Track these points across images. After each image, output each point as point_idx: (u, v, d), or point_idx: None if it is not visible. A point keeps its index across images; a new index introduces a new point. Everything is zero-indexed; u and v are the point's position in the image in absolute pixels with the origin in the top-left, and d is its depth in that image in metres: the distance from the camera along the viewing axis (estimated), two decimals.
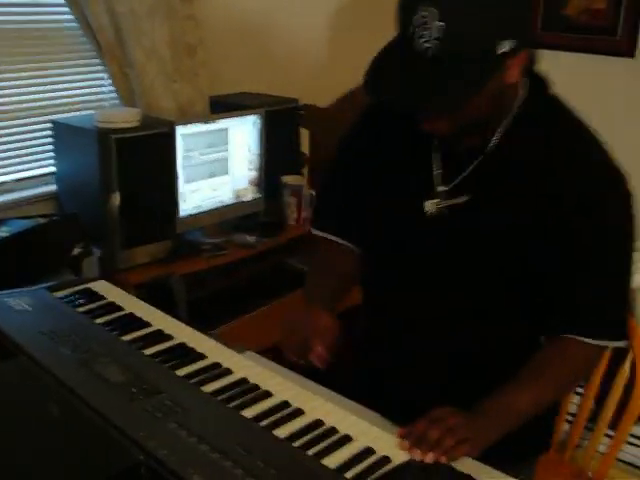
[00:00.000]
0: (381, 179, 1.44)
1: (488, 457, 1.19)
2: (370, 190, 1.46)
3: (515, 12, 1.18)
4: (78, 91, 2.52)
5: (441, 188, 1.35)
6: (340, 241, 1.57)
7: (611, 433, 1.92)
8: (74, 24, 2.40)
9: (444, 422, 1.16)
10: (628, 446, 2.58)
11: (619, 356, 1.88)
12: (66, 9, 2.36)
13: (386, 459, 1.13)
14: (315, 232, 1.62)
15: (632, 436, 2.54)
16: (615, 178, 1.30)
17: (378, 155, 1.46)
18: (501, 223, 1.31)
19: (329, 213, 1.60)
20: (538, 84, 1.35)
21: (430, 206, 1.36)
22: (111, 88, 2.54)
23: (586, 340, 1.32)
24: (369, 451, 1.14)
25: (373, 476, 1.09)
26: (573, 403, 2.09)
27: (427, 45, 1.14)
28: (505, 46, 1.16)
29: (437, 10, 1.12)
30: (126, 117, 2.23)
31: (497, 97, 1.25)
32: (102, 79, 2.56)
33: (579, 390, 2.11)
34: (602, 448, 1.96)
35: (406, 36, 1.17)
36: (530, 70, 1.33)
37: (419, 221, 1.37)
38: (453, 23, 1.12)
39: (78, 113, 2.49)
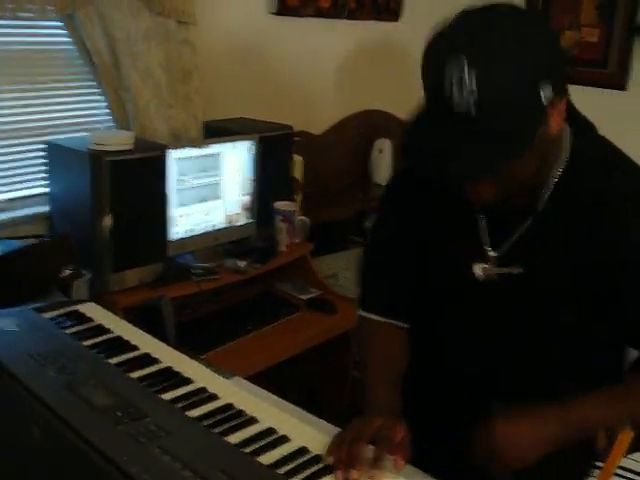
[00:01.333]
0: (427, 249, 1.37)
1: None
2: (417, 263, 1.39)
3: (550, 55, 1.11)
4: (73, 112, 2.53)
5: (491, 253, 1.29)
6: (389, 320, 1.47)
7: (600, 465, 1.92)
8: (71, 46, 2.41)
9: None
10: (616, 478, 2.57)
11: None
12: (63, 31, 2.37)
13: None
14: (364, 314, 1.50)
15: (620, 468, 2.52)
16: None
17: (419, 225, 1.38)
18: (557, 289, 1.25)
19: (376, 294, 1.50)
20: (581, 131, 1.28)
21: (480, 270, 1.29)
22: (106, 110, 2.55)
23: None
24: None
25: None
26: None
27: (465, 102, 1.05)
28: (546, 93, 1.08)
29: (470, 62, 1.04)
30: (120, 140, 2.23)
31: (544, 152, 1.17)
32: (97, 101, 2.57)
33: None
34: None
35: (440, 94, 1.07)
36: (570, 116, 1.24)
37: (471, 287, 1.31)
38: (488, 74, 1.05)
39: (72, 135, 2.49)
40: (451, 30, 1.10)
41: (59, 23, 2.35)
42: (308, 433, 1.24)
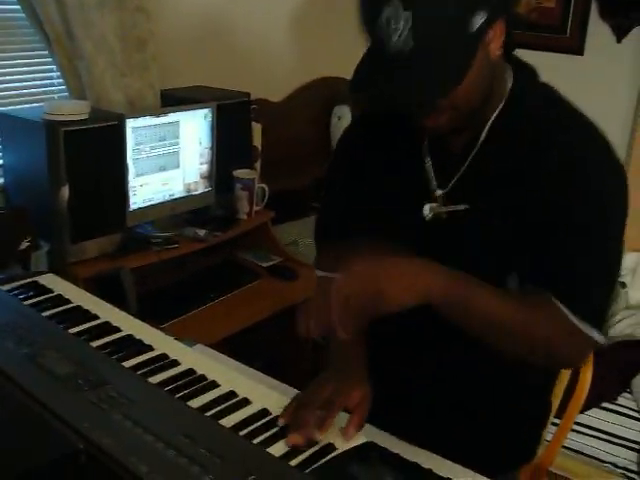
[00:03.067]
0: (377, 190, 1.39)
1: (472, 467, 1.17)
2: (369, 202, 1.41)
3: None
4: (26, 83, 2.49)
5: (438, 192, 1.31)
6: None
7: (557, 421, 1.96)
8: (21, 15, 2.36)
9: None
10: (573, 433, 2.64)
11: None
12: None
13: (331, 447, 1.14)
14: (322, 274, 1.54)
15: (577, 424, 2.59)
16: (613, 176, 1.27)
17: (371, 166, 1.41)
18: (503, 226, 1.26)
19: (332, 251, 1.47)
20: (524, 73, 1.31)
21: (428, 210, 1.31)
22: (60, 80, 2.51)
23: (565, 310, 1.22)
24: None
25: (318, 463, 1.10)
26: None
27: (402, 42, 1.11)
28: (479, 20, 1.13)
29: (400, 3, 1.09)
30: (75, 109, 2.20)
31: (487, 76, 1.21)
32: (51, 71, 2.53)
33: None
34: (549, 436, 2.00)
35: (378, 37, 1.13)
36: (514, 59, 1.30)
37: (420, 226, 1.33)
38: (419, 12, 1.09)
39: (26, 105, 2.45)
40: None
41: None
42: (268, 396, 1.26)
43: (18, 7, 2.34)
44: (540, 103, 1.29)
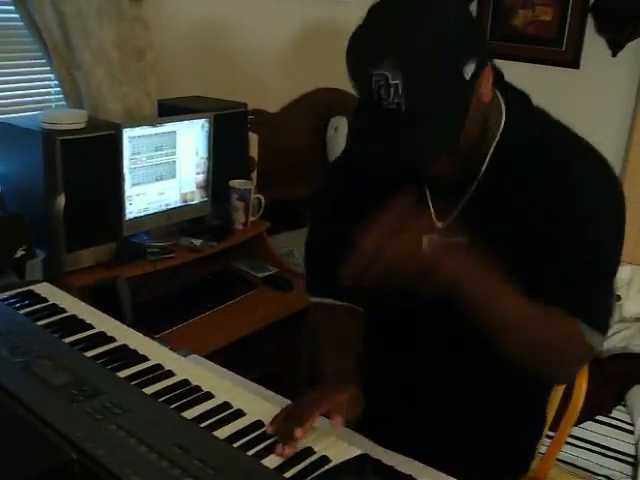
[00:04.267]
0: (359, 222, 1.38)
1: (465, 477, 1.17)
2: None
3: (465, 30, 1.15)
4: (23, 91, 2.49)
5: (438, 224, 1.31)
6: (338, 303, 1.51)
7: (552, 434, 1.96)
8: (20, 23, 2.37)
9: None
10: (567, 446, 2.64)
11: None
12: (11, 7, 2.33)
13: (325, 459, 1.14)
14: (312, 299, 1.55)
15: (571, 437, 2.59)
16: (615, 189, 1.28)
17: (364, 203, 1.35)
18: (503, 257, 1.21)
19: (321, 277, 1.53)
20: (516, 102, 1.32)
21: (427, 242, 1.27)
22: (57, 89, 2.52)
23: (571, 318, 1.24)
24: (308, 451, 1.15)
25: (312, 476, 1.10)
26: None
27: (395, 103, 1.11)
28: (471, 67, 1.14)
29: (390, 64, 1.09)
30: (72, 118, 2.20)
31: (480, 121, 1.22)
32: (48, 80, 2.53)
33: None
34: (543, 449, 2.00)
35: (372, 100, 1.13)
36: (504, 87, 1.30)
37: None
38: (411, 70, 1.10)
39: (23, 114, 2.46)
40: (369, 30, 1.14)
41: (7, 0, 2.31)
42: (263, 407, 1.26)
43: (17, 15, 2.35)
44: (535, 131, 1.29)
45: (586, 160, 1.28)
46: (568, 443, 2.62)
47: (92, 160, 2.22)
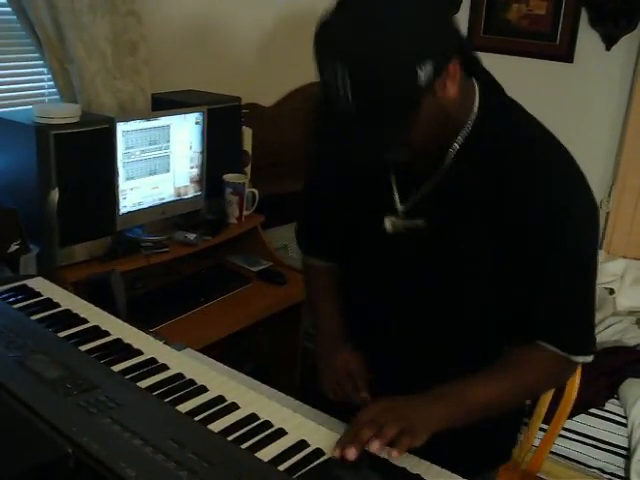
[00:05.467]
0: (346, 200, 1.43)
1: (449, 467, 1.18)
2: (338, 211, 1.46)
3: (425, 30, 1.13)
4: (17, 86, 2.48)
5: (399, 207, 1.34)
6: (328, 264, 1.60)
7: (545, 427, 1.98)
8: (12, 17, 2.36)
9: (375, 421, 1.15)
10: (561, 439, 2.65)
11: None
12: (4, 1, 2.32)
13: (319, 452, 1.14)
14: (309, 260, 1.65)
15: (563, 429, 2.60)
16: (582, 182, 1.29)
17: (341, 177, 1.43)
18: (459, 246, 1.29)
19: (312, 240, 1.65)
20: (490, 92, 1.30)
21: (389, 223, 1.35)
22: (51, 83, 2.51)
23: (553, 349, 1.30)
24: (302, 444, 1.15)
25: (306, 469, 1.10)
26: None
27: (348, 102, 1.12)
28: (425, 72, 1.11)
29: (342, 64, 1.10)
30: (65, 113, 2.20)
31: (439, 116, 1.20)
32: (42, 74, 2.53)
33: None
34: (537, 442, 2.01)
35: (328, 98, 1.15)
36: (480, 74, 1.30)
37: (383, 238, 1.36)
38: (361, 73, 1.10)
39: (17, 108, 2.45)
40: (327, 28, 1.14)
41: None
42: (257, 400, 1.26)
43: (9, 9, 2.34)
44: (506, 125, 1.29)
45: (555, 161, 1.28)
46: (561, 436, 2.64)
47: (86, 154, 2.22)
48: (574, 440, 2.68)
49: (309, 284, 1.67)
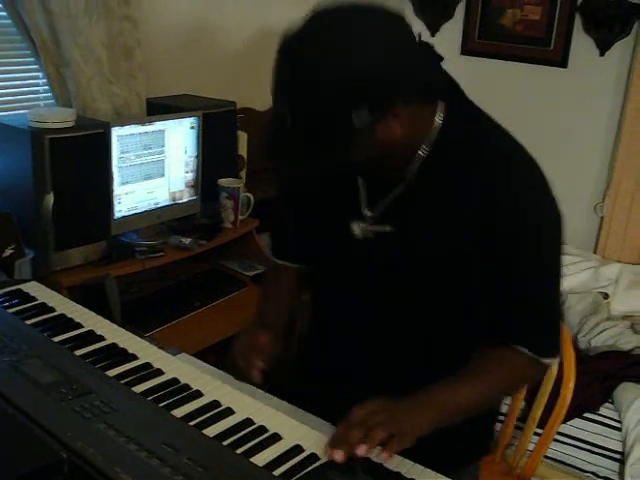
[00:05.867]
0: (317, 205, 1.47)
1: (428, 461, 1.19)
2: (309, 217, 1.50)
3: (363, 77, 1.13)
4: (12, 90, 2.48)
5: (367, 213, 1.38)
6: (295, 265, 1.64)
7: (540, 431, 1.98)
8: (8, 21, 2.36)
9: (365, 424, 1.16)
10: (555, 443, 2.65)
11: None
12: None
13: (314, 457, 1.14)
14: (276, 260, 1.67)
15: (558, 433, 2.61)
16: (541, 185, 1.31)
17: (314, 185, 1.47)
18: (426, 251, 1.32)
19: (285, 244, 1.67)
20: (458, 106, 1.33)
21: (357, 228, 1.39)
22: (46, 88, 2.51)
23: (523, 351, 1.34)
24: (297, 449, 1.16)
25: (301, 473, 1.10)
26: (504, 404, 2.15)
27: (290, 126, 1.18)
28: (360, 116, 1.14)
29: (286, 98, 1.18)
30: (61, 117, 2.20)
31: (378, 150, 1.22)
32: (37, 78, 2.53)
33: None
34: (531, 446, 2.02)
35: (276, 119, 1.21)
36: (448, 93, 1.32)
37: (349, 242, 1.40)
38: (298, 105, 1.17)
39: (12, 112, 2.45)
40: (282, 52, 1.19)
41: None
42: (252, 405, 1.26)
43: (4, 14, 2.34)
44: (469, 134, 1.31)
45: (518, 168, 1.30)
46: (556, 440, 2.64)
47: (81, 159, 2.22)
48: (569, 444, 2.68)
49: (269, 277, 1.74)
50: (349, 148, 1.20)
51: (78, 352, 1.38)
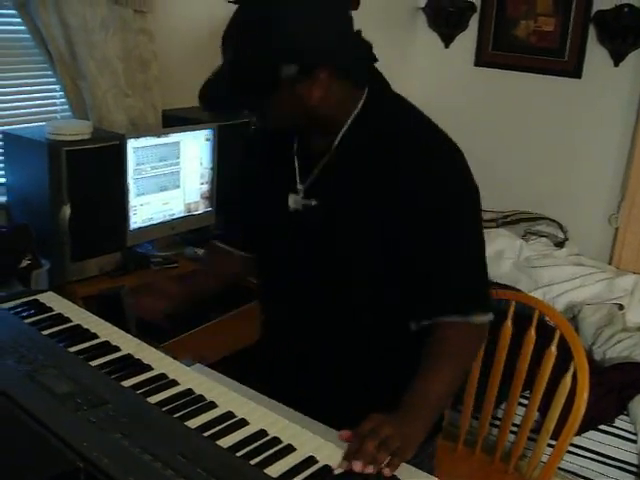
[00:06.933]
0: (257, 184, 1.57)
1: None
2: (252, 198, 1.58)
3: (304, 38, 1.30)
4: (30, 102, 2.51)
5: (299, 187, 1.47)
6: (234, 250, 1.70)
7: (553, 443, 1.97)
8: (26, 35, 2.39)
9: (377, 434, 1.17)
10: (569, 455, 2.64)
11: (562, 368, 1.94)
12: (18, 20, 2.36)
13: (328, 468, 1.15)
14: (217, 243, 1.74)
15: (572, 445, 2.59)
16: (453, 157, 1.41)
17: (257, 167, 1.58)
18: (349, 224, 1.41)
19: (229, 230, 1.75)
20: (377, 86, 1.45)
21: (292, 201, 1.47)
22: (63, 100, 2.54)
23: (455, 319, 1.38)
24: (311, 460, 1.16)
25: None
26: (518, 415, 2.14)
27: (222, 70, 1.37)
28: (289, 71, 1.29)
29: (226, 44, 1.36)
30: (77, 129, 2.23)
31: (301, 109, 1.35)
32: (54, 91, 2.56)
33: (524, 402, 2.16)
34: (545, 458, 2.01)
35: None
36: (370, 73, 1.43)
37: (284, 215, 1.48)
38: (234, 54, 1.34)
39: (29, 125, 2.48)
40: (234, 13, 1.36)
41: (13, 11, 2.33)
42: (266, 416, 1.26)
43: (23, 28, 2.37)
44: (387, 114, 1.43)
45: (430, 139, 1.41)
46: (571, 452, 2.63)
47: (97, 170, 2.24)
48: (583, 456, 2.66)
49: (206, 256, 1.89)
50: (272, 98, 1.33)
51: (94, 363, 1.39)
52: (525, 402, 2.11)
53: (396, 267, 1.40)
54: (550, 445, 2.00)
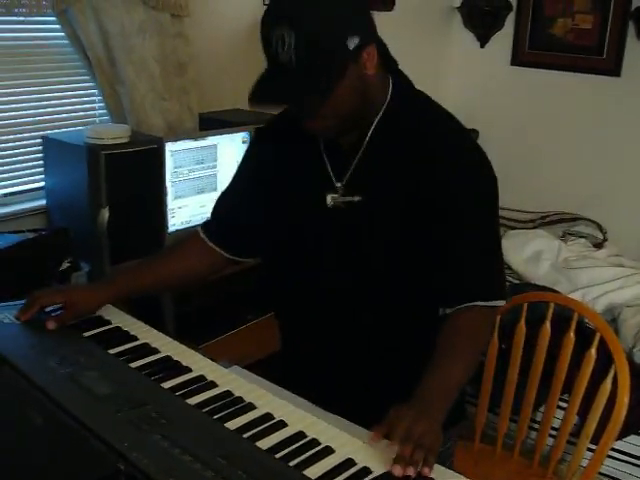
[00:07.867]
0: (282, 184, 1.54)
1: None
2: (271, 198, 1.56)
3: (355, 13, 1.35)
4: (69, 107, 2.55)
5: (337, 184, 1.47)
6: (212, 245, 1.69)
7: (593, 447, 1.95)
8: (65, 41, 2.43)
9: (412, 434, 1.17)
10: (609, 460, 2.60)
11: (602, 372, 1.91)
12: (57, 26, 2.39)
13: (366, 470, 1.14)
14: (199, 231, 1.72)
15: (613, 450, 2.56)
16: (481, 160, 1.45)
17: (274, 166, 1.56)
18: (393, 217, 1.43)
19: (217, 223, 1.71)
20: (404, 83, 1.49)
21: (330, 199, 1.47)
22: (101, 104, 2.57)
23: (477, 304, 1.41)
24: (350, 462, 1.16)
25: None
26: (557, 418, 2.12)
27: (288, 56, 1.30)
28: (353, 42, 1.31)
29: (288, 24, 1.29)
30: (116, 133, 2.25)
31: (360, 89, 1.37)
32: (93, 95, 2.59)
33: (563, 405, 2.14)
34: (584, 462, 1.99)
35: (271, 53, 1.33)
36: (393, 70, 1.47)
37: (322, 214, 1.48)
38: (302, 32, 1.29)
39: (69, 129, 2.51)
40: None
41: (53, 18, 2.37)
42: (304, 418, 1.27)
43: (62, 34, 2.40)
44: (415, 109, 1.47)
45: (456, 137, 1.46)
46: (610, 457, 2.59)
47: (135, 174, 2.27)
48: (624, 461, 2.62)
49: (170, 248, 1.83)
50: (341, 72, 1.32)
51: (133, 364, 1.40)
52: (564, 405, 2.09)
53: (430, 255, 1.42)
54: (590, 449, 1.98)
